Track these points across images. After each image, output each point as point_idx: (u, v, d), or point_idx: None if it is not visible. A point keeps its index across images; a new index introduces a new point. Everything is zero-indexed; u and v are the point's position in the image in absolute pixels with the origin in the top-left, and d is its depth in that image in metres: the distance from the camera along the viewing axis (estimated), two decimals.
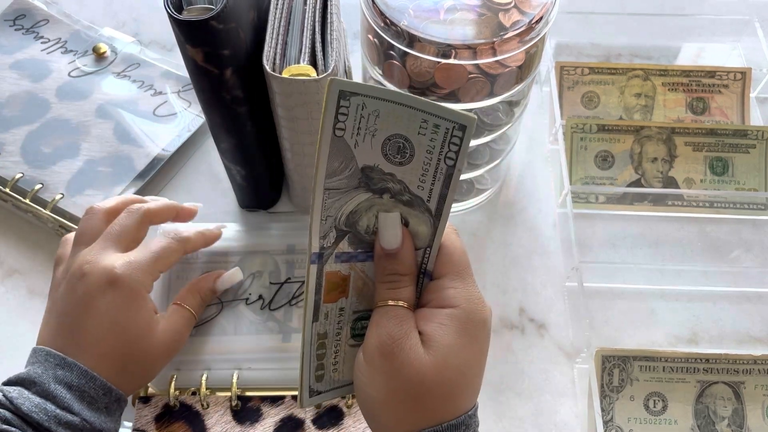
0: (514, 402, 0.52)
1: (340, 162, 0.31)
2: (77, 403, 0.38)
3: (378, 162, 0.31)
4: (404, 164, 0.31)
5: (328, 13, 0.46)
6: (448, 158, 0.31)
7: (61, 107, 0.63)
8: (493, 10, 0.45)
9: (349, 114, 0.29)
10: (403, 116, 0.30)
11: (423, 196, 0.32)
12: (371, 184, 0.32)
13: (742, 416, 0.51)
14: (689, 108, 0.67)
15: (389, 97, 0.29)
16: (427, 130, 0.30)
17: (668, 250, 0.60)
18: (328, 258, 0.34)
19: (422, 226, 0.33)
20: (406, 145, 0.30)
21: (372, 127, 0.30)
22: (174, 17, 0.40)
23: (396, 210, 0.33)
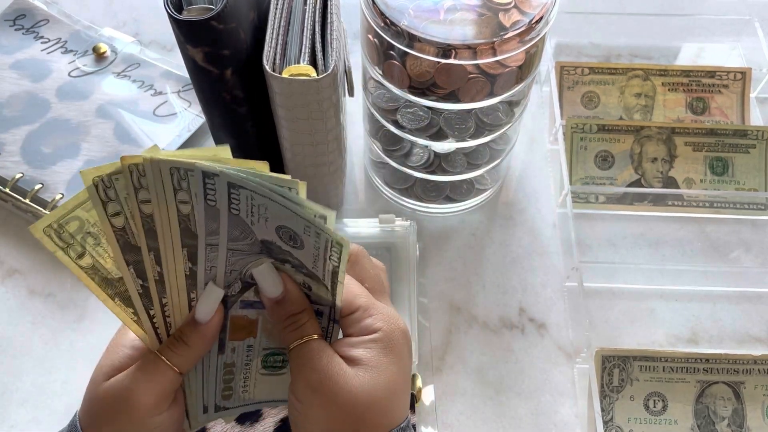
0: (514, 402, 0.52)
1: (240, 232, 0.31)
2: None
3: (275, 240, 0.32)
4: (297, 249, 0.31)
5: (328, 13, 0.46)
6: (331, 258, 0.31)
7: (61, 107, 0.63)
8: (493, 10, 0.45)
9: (240, 200, 0.30)
10: (288, 215, 0.30)
11: (318, 275, 0.33)
12: (272, 254, 0.33)
13: (742, 416, 0.51)
14: (689, 108, 0.67)
15: (274, 198, 0.29)
16: (311, 236, 0.30)
17: (668, 250, 0.60)
18: (233, 304, 0.35)
19: (322, 290, 0.34)
20: (296, 237, 0.31)
21: (264, 214, 0.30)
22: (174, 17, 0.40)
23: (298, 277, 0.34)
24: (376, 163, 0.61)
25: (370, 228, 0.57)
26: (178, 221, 0.31)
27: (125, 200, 0.30)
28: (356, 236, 0.56)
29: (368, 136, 0.59)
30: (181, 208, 0.30)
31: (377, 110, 0.53)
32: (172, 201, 0.30)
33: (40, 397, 0.52)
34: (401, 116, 0.52)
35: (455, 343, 0.55)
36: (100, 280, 0.32)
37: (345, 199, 0.62)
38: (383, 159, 0.58)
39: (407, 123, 0.51)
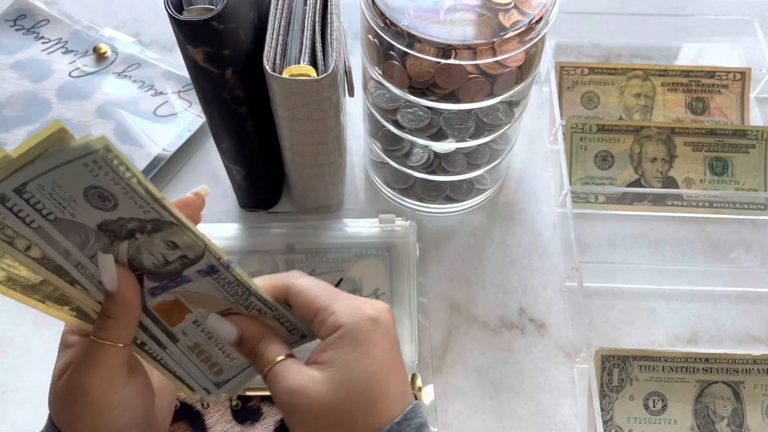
0: (514, 402, 0.52)
1: (78, 235, 0.30)
2: None
3: (101, 216, 0.30)
4: (117, 206, 0.29)
5: (328, 14, 0.46)
6: (125, 180, 0.28)
7: (61, 107, 0.63)
8: (493, 10, 0.45)
9: (40, 200, 0.28)
10: (71, 174, 0.27)
11: (155, 216, 0.30)
12: (117, 234, 0.31)
13: (742, 416, 0.51)
14: (689, 108, 0.67)
15: (44, 168, 0.27)
16: (96, 170, 0.27)
17: (668, 250, 0.60)
18: (144, 297, 0.34)
19: (184, 237, 0.32)
20: (102, 191, 0.29)
21: (66, 195, 0.28)
22: (174, 17, 0.40)
23: (156, 240, 0.32)
24: (376, 163, 0.61)
25: (370, 228, 0.57)
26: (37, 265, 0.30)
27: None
28: (356, 236, 0.56)
29: (368, 136, 0.59)
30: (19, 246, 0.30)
31: (377, 110, 0.53)
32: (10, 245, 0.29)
33: (40, 397, 0.52)
34: (401, 116, 0.52)
35: (455, 343, 0.55)
36: (21, 288, 0.32)
37: (345, 199, 0.62)
38: (383, 159, 0.58)
39: (407, 123, 0.52)
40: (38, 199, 0.28)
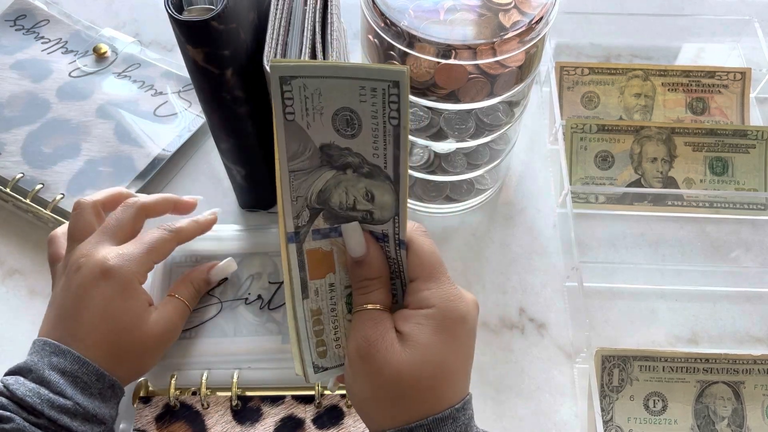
0: (514, 402, 0.52)
1: (298, 144, 0.32)
2: (70, 388, 0.39)
3: (333, 138, 0.32)
4: (356, 136, 0.31)
5: (328, 14, 0.46)
6: (391, 118, 0.31)
7: (61, 107, 0.63)
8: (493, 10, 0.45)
9: (293, 97, 0.30)
10: (342, 89, 0.30)
11: (379, 163, 0.32)
12: (332, 161, 0.33)
13: (742, 416, 0.51)
14: (689, 108, 0.67)
15: (324, 73, 0.30)
16: (367, 96, 0.30)
17: (668, 250, 0.60)
18: (305, 236, 0.34)
19: (386, 196, 0.33)
20: (353, 117, 0.31)
21: (318, 105, 0.30)
22: (174, 18, 0.40)
23: (361, 184, 0.33)
24: None
25: None
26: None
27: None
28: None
29: None
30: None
31: None
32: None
33: None
34: None
35: None
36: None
37: None
38: None
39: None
40: (291, 96, 0.30)
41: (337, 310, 0.37)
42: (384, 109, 0.30)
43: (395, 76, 0.29)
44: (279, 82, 0.30)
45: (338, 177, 0.33)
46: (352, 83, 0.30)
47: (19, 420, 0.37)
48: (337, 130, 0.31)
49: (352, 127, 0.31)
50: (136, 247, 0.44)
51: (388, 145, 0.32)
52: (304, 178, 0.33)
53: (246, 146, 0.51)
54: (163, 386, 0.48)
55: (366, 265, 0.35)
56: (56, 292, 0.43)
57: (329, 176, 0.33)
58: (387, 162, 0.32)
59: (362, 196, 0.34)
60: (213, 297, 0.51)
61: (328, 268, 0.36)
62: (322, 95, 0.30)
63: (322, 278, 0.36)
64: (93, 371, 0.40)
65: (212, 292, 0.51)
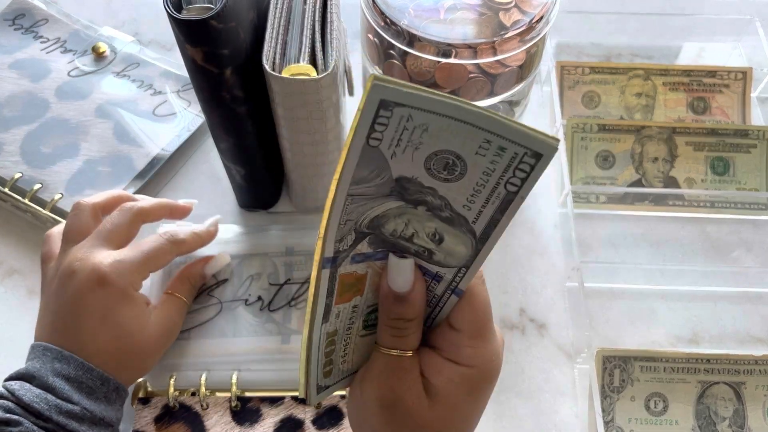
0: (514, 402, 0.52)
1: (370, 171, 0.26)
2: (76, 394, 0.39)
3: (418, 175, 0.27)
4: (450, 181, 0.27)
5: (328, 13, 0.46)
6: (510, 183, 0.26)
7: (60, 107, 0.62)
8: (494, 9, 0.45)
9: (389, 125, 0.24)
10: (459, 134, 0.25)
11: (468, 216, 0.28)
12: (406, 194, 0.28)
13: (743, 417, 0.51)
14: (690, 108, 0.66)
15: (445, 112, 0.24)
16: (489, 152, 0.25)
17: (669, 250, 0.60)
18: (343, 261, 0.30)
19: (460, 246, 0.29)
20: (457, 163, 0.26)
21: (417, 140, 0.25)
22: (173, 17, 0.40)
23: (431, 224, 0.29)
24: None
25: None
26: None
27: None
28: None
29: None
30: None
31: None
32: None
33: None
34: None
35: None
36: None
37: None
38: None
39: None
40: (386, 123, 0.24)
41: (352, 329, 0.34)
42: (505, 173, 0.26)
43: (542, 147, 0.24)
44: (377, 106, 0.24)
45: (404, 209, 0.28)
46: (476, 132, 0.24)
47: (27, 424, 0.37)
48: (428, 169, 0.26)
49: (450, 172, 0.26)
50: (133, 255, 0.43)
51: (490, 205, 0.27)
52: (363, 203, 0.28)
53: (245, 146, 0.51)
54: (162, 387, 0.48)
55: (407, 304, 0.31)
56: (49, 295, 0.43)
57: (393, 206, 0.28)
58: (479, 219, 0.28)
59: (427, 235, 0.30)
60: (213, 297, 0.51)
61: (357, 292, 0.32)
62: (428, 132, 0.25)
63: (347, 302, 0.32)
64: (97, 376, 0.40)
65: (212, 292, 0.51)
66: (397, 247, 0.31)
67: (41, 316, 0.43)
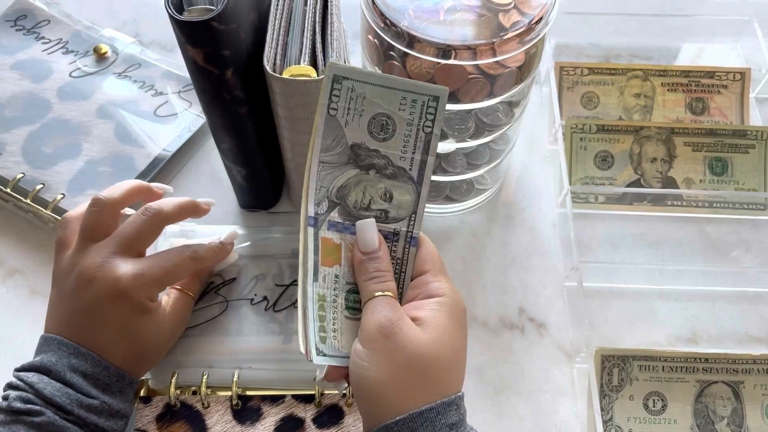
0: (514, 402, 0.52)
1: (332, 139, 0.37)
2: (94, 389, 0.40)
3: (365, 139, 0.37)
4: (387, 139, 0.37)
5: (328, 14, 0.46)
6: (425, 126, 0.37)
7: (62, 107, 0.63)
8: (493, 10, 0.45)
9: (340, 96, 0.36)
10: (386, 96, 0.36)
11: (405, 166, 0.38)
12: (359, 160, 0.38)
13: (742, 416, 0.51)
14: (688, 108, 0.67)
15: (374, 81, 0.36)
16: (407, 106, 0.36)
17: (668, 250, 0.60)
18: (322, 224, 0.38)
19: (405, 195, 0.38)
20: (389, 122, 0.37)
21: (360, 107, 0.36)
22: (175, 18, 0.40)
23: (381, 185, 0.38)
24: None
25: None
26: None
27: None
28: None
29: None
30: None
31: None
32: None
33: None
34: None
35: None
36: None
37: None
38: None
39: None
40: (338, 95, 0.36)
41: (338, 302, 0.39)
42: (420, 119, 0.37)
43: (437, 92, 0.36)
44: (331, 80, 0.35)
45: (360, 176, 0.38)
46: (396, 93, 0.36)
47: (50, 413, 0.38)
48: (371, 133, 0.37)
49: (385, 131, 0.37)
50: (154, 271, 0.43)
51: (417, 149, 0.37)
52: (330, 171, 0.37)
53: (246, 146, 0.51)
54: (163, 385, 0.48)
55: (378, 258, 0.38)
56: (64, 290, 0.43)
57: (351, 174, 0.38)
58: (413, 165, 0.38)
59: (380, 196, 0.38)
60: (219, 296, 0.51)
61: (336, 260, 0.39)
62: (366, 99, 0.36)
63: (330, 267, 0.38)
64: (114, 373, 0.41)
65: (219, 291, 0.51)
66: (361, 218, 0.39)
67: (55, 309, 0.43)
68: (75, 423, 0.39)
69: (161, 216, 0.45)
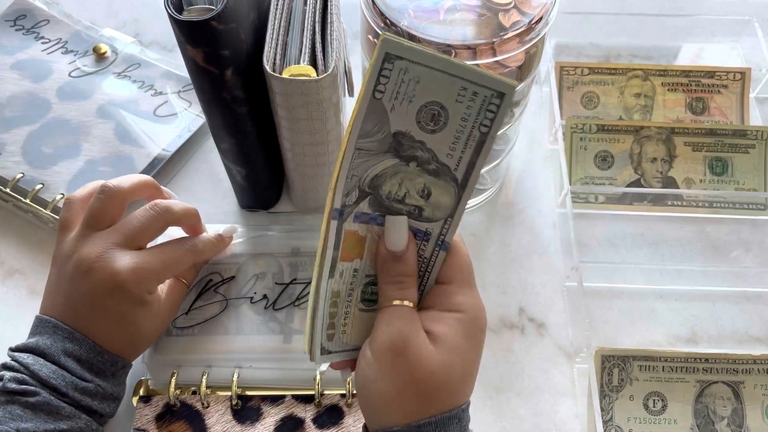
0: (514, 402, 0.52)
1: (374, 124, 0.32)
2: (88, 373, 0.41)
3: (410, 128, 0.32)
4: (436, 132, 0.32)
5: (328, 14, 0.46)
6: (482, 125, 0.32)
7: (61, 107, 0.63)
8: (493, 10, 0.45)
9: (390, 77, 0.30)
10: (443, 83, 0.31)
11: (450, 164, 0.33)
12: (400, 150, 0.33)
13: (742, 416, 0.51)
14: (689, 108, 0.67)
15: (433, 64, 0.30)
16: (465, 98, 0.31)
17: (668, 250, 0.60)
18: (348, 216, 0.34)
19: (445, 197, 0.34)
20: (441, 113, 0.31)
21: (411, 92, 0.31)
22: (174, 18, 0.40)
23: (420, 179, 0.34)
24: None
25: None
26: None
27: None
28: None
29: None
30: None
31: None
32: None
33: None
34: None
35: None
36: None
37: None
38: None
39: None
40: (388, 76, 0.30)
41: (353, 296, 0.37)
42: (478, 115, 0.31)
43: (504, 87, 0.30)
44: (382, 59, 0.30)
45: (398, 167, 0.33)
46: (456, 81, 0.30)
47: (45, 394, 0.39)
48: (419, 122, 0.32)
49: (435, 123, 0.32)
50: (153, 262, 0.43)
51: (468, 149, 0.32)
52: (366, 159, 0.33)
53: (246, 146, 0.51)
54: (163, 384, 0.48)
55: (403, 262, 0.35)
56: (62, 275, 0.43)
57: (390, 164, 0.33)
58: (460, 165, 0.33)
59: (417, 192, 0.34)
60: (218, 294, 0.51)
61: (358, 254, 0.36)
62: (420, 84, 0.30)
63: (350, 261, 0.36)
64: (108, 359, 0.42)
65: (218, 289, 0.51)
66: (392, 210, 0.35)
67: (52, 291, 0.43)
68: (69, 404, 0.40)
69: (169, 214, 0.45)
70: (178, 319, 0.50)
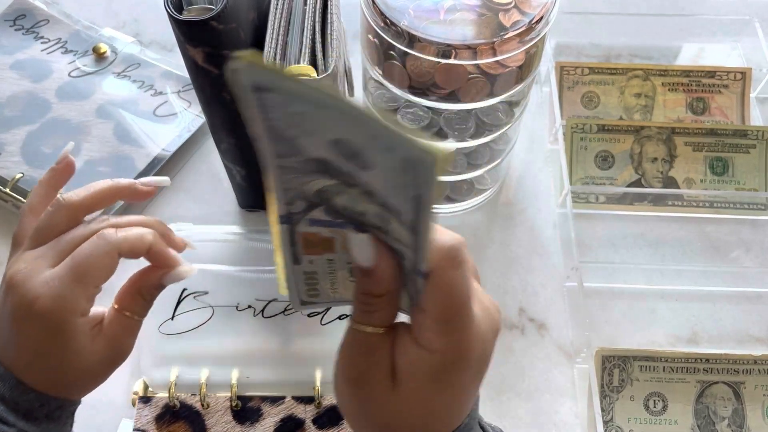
0: (514, 402, 0.52)
1: (285, 148, 0.25)
2: (11, 415, 0.35)
3: (331, 158, 0.24)
4: (366, 169, 0.24)
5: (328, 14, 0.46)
6: (411, 185, 0.23)
7: (61, 107, 0.63)
8: (493, 10, 0.45)
9: (273, 107, 0.23)
10: (347, 124, 0.22)
11: (397, 207, 0.25)
12: (332, 173, 0.26)
13: (742, 416, 0.51)
14: (689, 108, 0.67)
15: (322, 103, 0.22)
16: (378, 151, 0.23)
17: (668, 250, 0.60)
18: (299, 221, 0.29)
19: (402, 230, 0.27)
20: (360, 153, 0.23)
21: (305, 127, 0.23)
22: (174, 17, 0.40)
23: (371, 207, 0.27)
24: None
25: None
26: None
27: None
28: None
29: None
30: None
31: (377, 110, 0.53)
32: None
33: None
34: (401, 116, 0.52)
35: None
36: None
37: None
38: None
39: (407, 123, 0.51)
40: (266, 105, 0.23)
41: (335, 274, 0.33)
42: (404, 174, 0.23)
43: (424, 154, 0.21)
44: (253, 91, 0.22)
45: (340, 186, 0.27)
46: (360, 128, 0.22)
47: None
48: (337, 155, 0.24)
49: (357, 161, 0.24)
50: (63, 275, 0.35)
51: (407, 201, 0.24)
52: (296, 175, 0.26)
53: (246, 146, 0.51)
54: (163, 385, 0.48)
55: (373, 280, 0.29)
56: None
57: (328, 183, 0.27)
58: (405, 212, 0.25)
59: (374, 214, 0.27)
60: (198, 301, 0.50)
61: (326, 250, 0.31)
62: (309, 118, 0.23)
63: (318, 255, 0.31)
64: (35, 398, 0.35)
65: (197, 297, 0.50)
66: (354, 222, 0.29)
67: None
68: None
69: (71, 206, 0.37)
70: (163, 326, 0.48)
